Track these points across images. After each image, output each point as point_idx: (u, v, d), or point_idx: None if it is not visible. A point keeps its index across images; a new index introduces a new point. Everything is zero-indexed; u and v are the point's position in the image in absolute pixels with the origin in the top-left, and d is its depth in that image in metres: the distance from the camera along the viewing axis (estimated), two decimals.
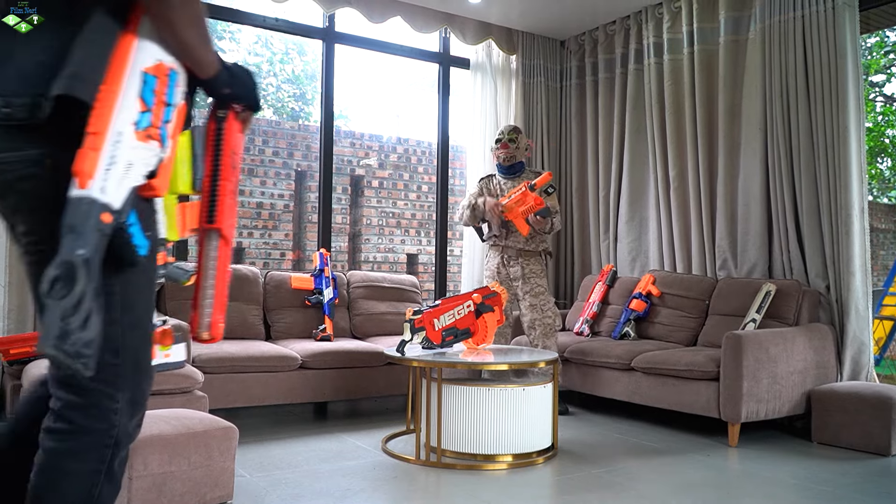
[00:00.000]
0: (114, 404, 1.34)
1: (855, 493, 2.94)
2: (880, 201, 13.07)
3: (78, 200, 1.14)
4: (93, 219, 1.14)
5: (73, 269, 1.10)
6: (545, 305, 4.33)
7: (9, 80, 1.23)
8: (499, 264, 4.45)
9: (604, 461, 3.39)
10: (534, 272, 4.36)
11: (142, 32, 1.26)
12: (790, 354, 3.81)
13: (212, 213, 1.47)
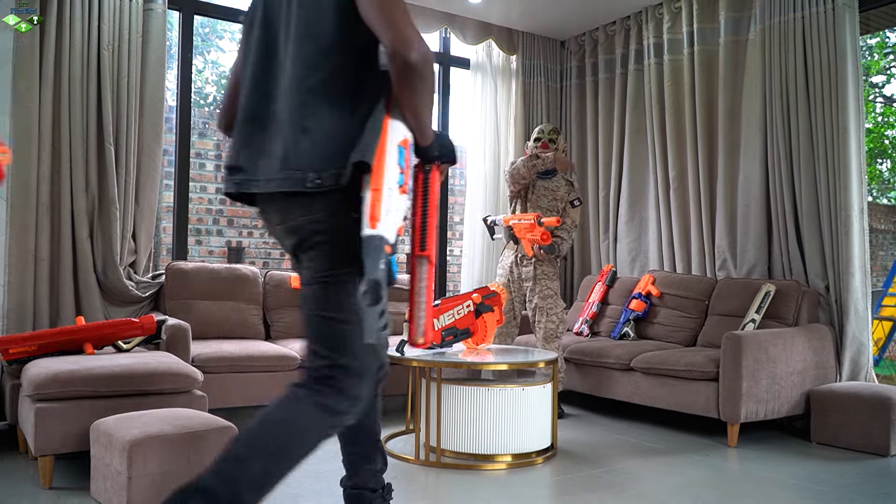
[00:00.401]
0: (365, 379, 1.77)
1: (854, 494, 2.95)
2: (880, 202, 13.07)
3: (371, 237, 1.57)
4: (381, 249, 1.58)
5: (378, 284, 1.57)
6: (552, 309, 4.33)
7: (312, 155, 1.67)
8: (512, 263, 4.47)
9: (603, 461, 3.39)
10: (546, 274, 4.36)
11: (393, 115, 1.70)
12: (789, 355, 3.81)
13: (423, 243, 1.84)
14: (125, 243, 4.14)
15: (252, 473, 1.63)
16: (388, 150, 1.65)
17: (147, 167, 4.25)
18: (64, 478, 2.92)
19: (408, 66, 1.61)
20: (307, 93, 1.70)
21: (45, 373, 2.80)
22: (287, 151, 1.69)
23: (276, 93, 1.77)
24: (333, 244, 1.71)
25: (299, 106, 1.70)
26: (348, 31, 1.71)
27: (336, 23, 1.71)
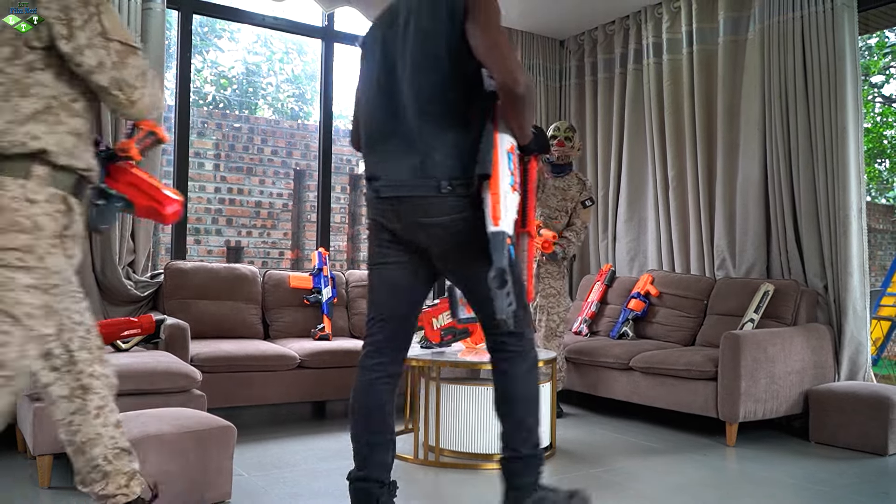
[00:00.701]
0: (529, 333, 2.26)
1: (852, 493, 2.95)
2: (878, 202, 13.08)
3: (496, 233, 1.96)
4: (504, 243, 1.96)
5: (503, 272, 1.92)
6: (553, 308, 4.34)
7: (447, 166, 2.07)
8: None
9: (602, 461, 3.39)
10: (549, 273, 4.38)
11: (500, 128, 2.08)
12: (788, 354, 3.81)
13: (524, 222, 2.25)
14: (124, 243, 4.13)
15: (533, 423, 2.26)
16: (500, 159, 2.04)
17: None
18: (62, 477, 2.91)
19: (516, 97, 2.02)
20: (430, 117, 2.09)
21: None
22: (419, 164, 2.09)
23: (401, 115, 2.13)
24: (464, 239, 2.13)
25: (424, 128, 2.09)
26: (460, 64, 2.09)
27: (451, 59, 2.09)
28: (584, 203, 4.42)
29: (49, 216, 1.73)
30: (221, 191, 6.59)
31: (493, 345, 2.28)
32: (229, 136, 6.70)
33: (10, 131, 1.67)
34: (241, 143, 6.73)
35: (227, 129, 6.73)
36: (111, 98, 1.81)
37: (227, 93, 8.23)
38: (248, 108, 8.17)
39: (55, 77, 1.76)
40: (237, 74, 8.28)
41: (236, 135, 6.74)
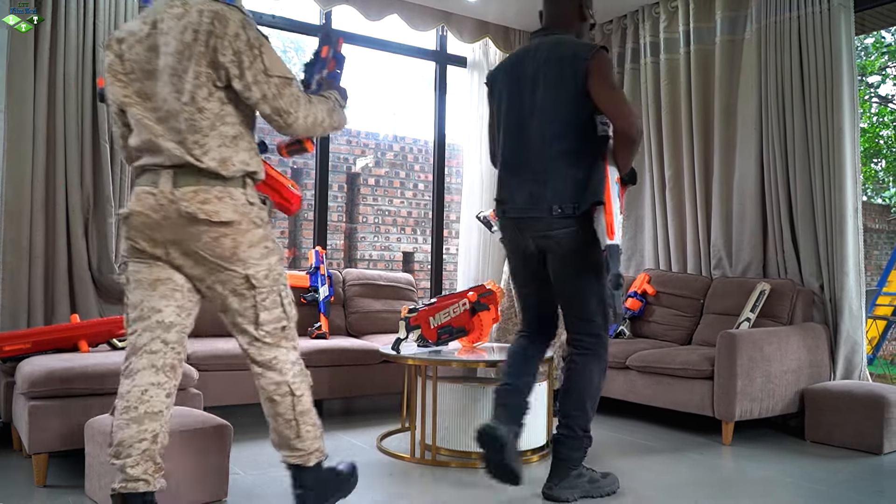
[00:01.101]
0: (606, 338, 2.77)
1: (848, 492, 2.96)
2: (874, 202, 13.11)
3: (612, 246, 2.48)
4: (618, 253, 2.48)
5: (620, 276, 2.49)
6: None
7: (560, 195, 2.63)
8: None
9: (598, 459, 3.39)
10: None
11: (610, 163, 2.62)
12: (784, 353, 3.82)
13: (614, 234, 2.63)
14: (120, 241, 4.11)
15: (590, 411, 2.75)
16: (611, 188, 2.56)
17: None
18: (58, 476, 2.91)
19: (631, 140, 2.56)
20: (551, 155, 2.65)
21: (39, 370, 2.80)
22: (536, 192, 2.67)
23: (529, 153, 2.71)
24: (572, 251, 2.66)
25: (546, 164, 2.66)
26: (579, 113, 2.63)
27: (572, 110, 2.63)
28: None
29: (264, 212, 2.29)
30: None
31: (573, 341, 2.80)
32: None
33: (228, 160, 2.14)
34: None
35: None
36: (273, 122, 2.20)
37: None
38: None
39: (236, 107, 2.18)
40: None
41: None
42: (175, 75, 2.09)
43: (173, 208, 2.11)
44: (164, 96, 2.11)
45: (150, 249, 2.17)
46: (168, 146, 2.10)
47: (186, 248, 2.16)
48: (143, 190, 2.15)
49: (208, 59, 2.08)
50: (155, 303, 2.21)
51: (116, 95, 2.18)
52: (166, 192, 2.11)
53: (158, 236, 2.15)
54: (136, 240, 2.17)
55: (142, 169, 2.19)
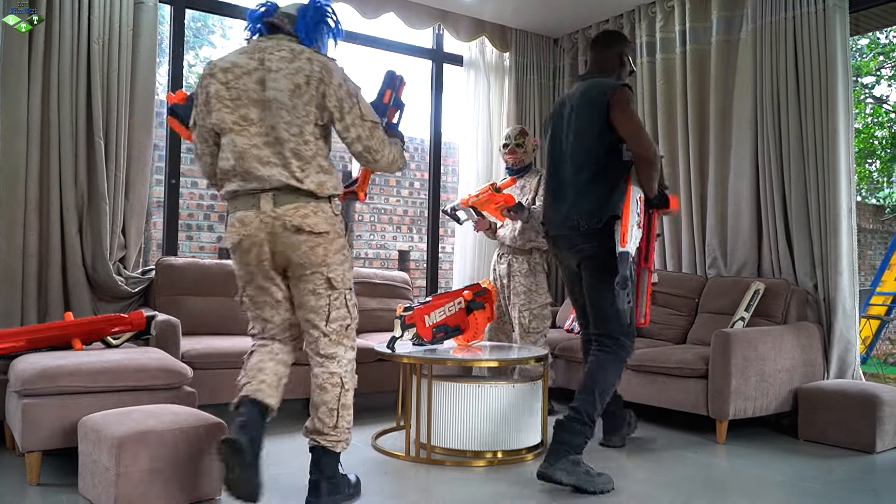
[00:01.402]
0: (626, 342, 3.14)
1: (841, 490, 2.97)
2: (868, 202, 13.15)
3: (623, 252, 2.86)
4: (627, 259, 2.84)
5: (626, 279, 2.82)
6: (524, 305, 4.30)
7: (583, 212, 3.05)
8: (495, 261, 4.49)
9: (592, 458, 3.40)
10: (519, 270, 4.34)
11: (633, 182, 3.02)
12: (778, 352, 3.83)
13: (647, 258, 3.15)
14: (115, 238, 4.12)
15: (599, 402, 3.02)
16: (631, 204, 2.96)
17: (137, 162, 4.22)
18: (51, 474, 2.90)
19: (648, 161, 2.99)
20: (581, 183, 3.11)
21: (32, 368, 2.79)
22: (567, 213, 3.13)
23: (563, 183, 3.19)
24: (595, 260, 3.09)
25: (577, 188, 3.11)
26: (603, 142, 3.06)
27: (598, 140, 3.07)
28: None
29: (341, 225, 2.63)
30: None
31: (595, 339, 3.19)
32: None
33: (323, 184, 2.53)
34: None
35: None
36: (361, 158, 2.64)
37: None
38: None
39: (325, 142, 2.60)
40: None
41: None
42: (285, 109, 2.46)
43: (278, 224, 2.49)
44: (272, 125, 2.48)
45: (259, 273, 2.58)
46: (272, 171, 2.47)
47: (288, 257, 2.53)
48: (245, 215, 2.52)
49: (316, 102, 2.49)
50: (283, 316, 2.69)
51: (223, 119, 2.50)
52: (268, 212, 2.49)
53: (259, 255, 2.53)
54: (250, 263, 2.56)
55: (234, 194, 2.55)
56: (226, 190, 2.56)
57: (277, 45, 2.52)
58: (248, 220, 2.51)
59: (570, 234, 3.13)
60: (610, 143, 3.06)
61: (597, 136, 3.07)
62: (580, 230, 3.07)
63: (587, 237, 3.06)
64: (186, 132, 2.82)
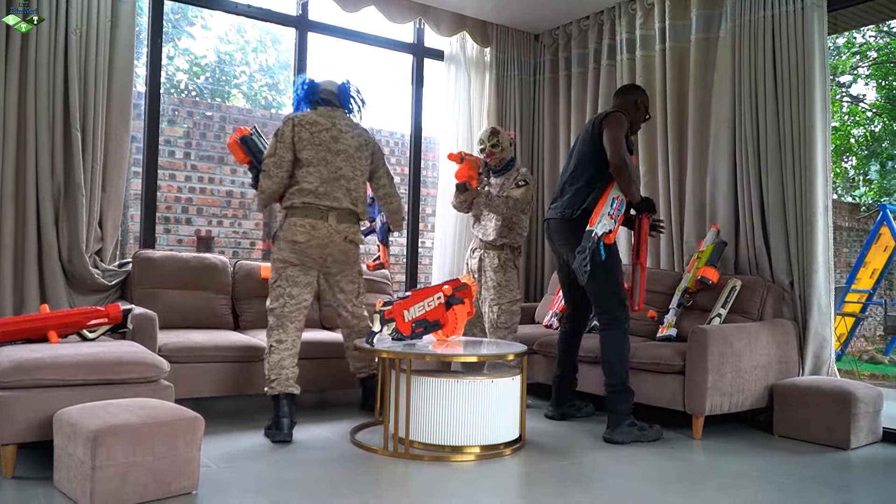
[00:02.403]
0: (621, 316, 3.69)
1: (815, 486, 3.00)
2: (844, 200, 13.29)
3: (588, 231, 3.55)
4: (591, 236, 3.53)
5: (585, 249, 3.51)
6: (493, 300, 4.33)
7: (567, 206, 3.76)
8: (468, 255, 4.51)
9: (570, 453, 3.42)
10: (490, 265, 4.36)
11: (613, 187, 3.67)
12: (754, 349, 3.87)
13: (638, 255, 3.89)
14: (91, 230, 4.08)
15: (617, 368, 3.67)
16: (606, 200, 3.63)
17: (114, 154, 4.18)
18: (27, 467, 2.88)
19: (617, 168, 3.60)
20: (574, 183, 3.79)
21: (7, 361, 2.76)
22: (560, 207, 3.81)
23: (565, 182, 3.88)
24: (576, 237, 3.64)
25: (574, 187, 3.78)
26: (594, 158, 3.73)
27: (592, 153, 3.75)
28: (517, 183, 4.29)
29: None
30: (192, 179, 6.52)
31: (598, 319, 3.80)
32: (200, 124, 6.62)
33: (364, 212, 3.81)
34: (213, 131, 6.65)
35: (199, 118, 6.65)
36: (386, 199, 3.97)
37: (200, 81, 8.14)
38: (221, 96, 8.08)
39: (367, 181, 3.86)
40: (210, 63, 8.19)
41: (208, 123, 6.66)
42: (352, 158, 3.70)
43: (338, 235, 3.65)
44: (340, 166, 3.65)
45: (309, 263, 3.65)
46: (340, 196, 3.64)
47: (338, 259, 3.72)
48: (316, 223, 3.58)
49: (367, 159, 3.79)
50: (306, 296, 3.68)
51: (309, 155, 3.59)
52: (334, 225, 3.62)
53: (322, 252, 3.64)
54: (309, 255, 3.62)
55: (306, 205, 3.58)
56: (298, 201, 3.57)
57: (342, 115, 3.76)
58: (318, 227, 3.59)
59: (561, 226, 3.79)
60: (601, 157, 3.68)
61: (590, 152, 3.75)
62: (565, 219, 3.75)
63: (573, 231, 3.68)
64: (246, 158, 3.78)
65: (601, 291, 3.70)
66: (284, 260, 3.60)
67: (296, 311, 3.63)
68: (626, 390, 3.65)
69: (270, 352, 3.59)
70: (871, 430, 3.79)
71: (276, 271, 3.63)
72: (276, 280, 3.62)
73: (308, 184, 3.57)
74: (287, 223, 3.59)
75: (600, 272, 3.60)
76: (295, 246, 3.57)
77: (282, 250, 3.60)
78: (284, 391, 3.54)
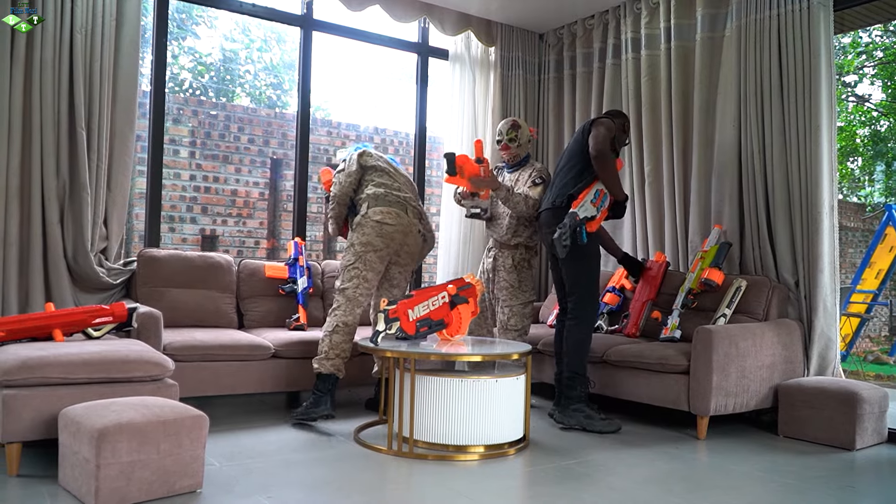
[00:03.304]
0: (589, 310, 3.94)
1: (819, 486, 3.00)
2: (850, 200, 13.25)
3: (571, 212, 3.78)
4: (573, 217, 3.75)
5: (566, 225, 3.71)
6: (506, 300, 4.33)
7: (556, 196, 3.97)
8: (484, 255, 4.51)
9: (574, 453, 3.42)
10: (503, 266, 4.36)
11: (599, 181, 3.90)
12: (759, 349, 3.86)
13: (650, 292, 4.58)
14: (96, 229, 4.08)
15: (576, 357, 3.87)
16: (591, 189, 3.88)
17: (119, 153, 4.19)
18: (32, 465, 2.88)
19: (594, 156, 3.84)
20: (567, 177, 3.97)
21: (13, 359, 2.77)
22: (553, 197, 3.98)
23: (557, 175, 4.07)
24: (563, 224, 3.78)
25: (563, 181, 3.98)
26: (584, 152, 3.92)
27: (580, 150, 3.96)
28: (535, 181, 4.26)
29: None
30: (197, 178, 6.52)
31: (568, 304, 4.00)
32: (205, 123, 6.62)
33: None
34: (218, 130, 6.65)
35: (204, 117, 6.66)
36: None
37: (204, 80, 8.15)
38: (226, 95, 8.09)
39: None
40: (214, 62, 8.20)
41: (212, 122, 6.66)
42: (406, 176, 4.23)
43: (415, 228, 4.09)
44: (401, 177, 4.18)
45: (386, 248, 3.95)
46: (409, 196, 4.11)
47: (411, 249, 4.12)
48: (397, 211, 3.99)
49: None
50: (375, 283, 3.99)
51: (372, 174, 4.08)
52: (411, 217, 4.05)
53: (402, 240, 4.03)
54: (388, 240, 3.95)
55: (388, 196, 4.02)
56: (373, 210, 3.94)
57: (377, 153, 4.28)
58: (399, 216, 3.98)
59: (549, 214, 3.98)
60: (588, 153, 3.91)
61: (580, 147, 3.97)
62: (554, 208, 3.94)
63: (559, 217, 3.85)
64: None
65: (578, 276, 3.93)
66: (367, 244, 3.88)
67: (365, 296, 3.88)
68: (581, 378, 3.85)
69: (334, 331, 3.79)
70: (876, 430, 3.77)
71: (356, 255, 3.86)
72: (354, 262, 3.86)
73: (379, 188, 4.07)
74: (371, 211, 3.92)
75: (580, 256, 3.83)
76: (382, 229, 3.89)
77: (366, 234, 3.87)
78: (335, 372, 3.78)
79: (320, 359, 3.80)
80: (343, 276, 3.89)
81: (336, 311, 3.85)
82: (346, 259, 3.92)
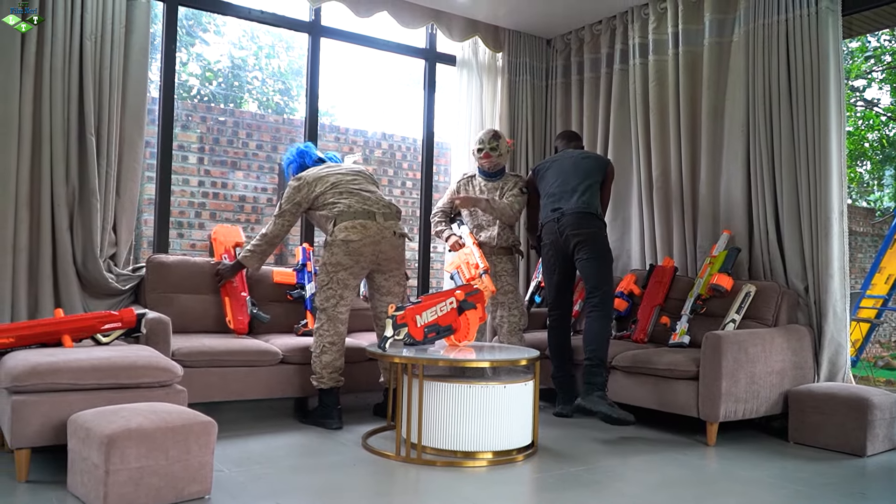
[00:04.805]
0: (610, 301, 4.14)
1: (830, 493, 2.98)
2: (859, 205, 13.20)
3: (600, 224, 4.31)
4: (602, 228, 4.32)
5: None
6: (513, 304, 4.48)
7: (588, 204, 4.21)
8: None
9: (583, 459, 3.41)
10: (505, 270, 4.53)
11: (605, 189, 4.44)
12: (768, 355, 3.84)
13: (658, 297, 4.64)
14: (105, 235, 4.10)
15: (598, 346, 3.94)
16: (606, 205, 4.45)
17: (129, 159, 4.20)
18: (40, 471, 2.89)
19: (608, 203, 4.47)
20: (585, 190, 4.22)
21: (22, 365, 2.77)
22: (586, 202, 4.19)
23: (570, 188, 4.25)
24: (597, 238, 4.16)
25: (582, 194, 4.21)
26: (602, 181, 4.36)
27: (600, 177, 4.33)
28: (522, 190, 4.59)
29: None
30: (205, 184, 6.54)
31: (590, 299, 4.07)
32: (214, 129, 6.64)
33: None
34: (226, 136, 6.67)
35: (212, 123, 6.68)
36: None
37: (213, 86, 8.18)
38: (234, 101, 8.12)
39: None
40: (223, 68, 8.23)
41: (221, 128, 6.68)
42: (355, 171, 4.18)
43: (388, 232, 3.94)
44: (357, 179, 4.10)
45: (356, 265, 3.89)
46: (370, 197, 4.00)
47: (389, 255, 3.99)
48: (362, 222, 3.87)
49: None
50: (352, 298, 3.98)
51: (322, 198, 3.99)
52: (381, 222, 3.92)
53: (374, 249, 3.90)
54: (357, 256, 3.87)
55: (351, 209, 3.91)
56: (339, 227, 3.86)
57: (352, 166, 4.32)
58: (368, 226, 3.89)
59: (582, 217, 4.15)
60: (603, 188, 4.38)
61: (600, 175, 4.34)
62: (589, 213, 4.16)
63: (591, 222, 4.14)
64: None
65: (605, 273, 4.12)
66: (337, 263, 3.85)
67: (345, 311, 3.93)
68: (605, 366, 3.93)
69: (322, 352, 3.86)
70: (887, 437, 3.75)
71: (327, 275, 3.87)
72: (328, 283, 3.87)
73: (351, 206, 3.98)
74: (336, 229, 3.86)
75: (608, 256, 4.19)
76: (348, 247, 3.82)
77: (335, 254, 3.85)
78: (335, 385, 3.89)
79: (317, 377, 3.89)
80: (320, 296, 3.92)
81: (320, 331, 3.89)
82: (320, 279, 3.93)
